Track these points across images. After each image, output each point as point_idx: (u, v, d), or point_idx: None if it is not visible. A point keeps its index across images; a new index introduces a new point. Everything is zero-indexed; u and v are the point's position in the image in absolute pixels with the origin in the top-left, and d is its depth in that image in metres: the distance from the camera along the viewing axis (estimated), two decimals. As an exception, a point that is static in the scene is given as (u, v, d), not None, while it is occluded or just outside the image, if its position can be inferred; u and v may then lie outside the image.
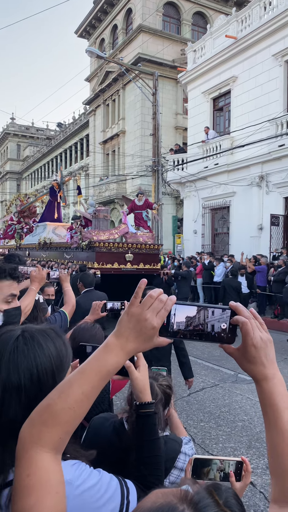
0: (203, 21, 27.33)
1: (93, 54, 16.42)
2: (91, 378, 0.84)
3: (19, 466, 0.79)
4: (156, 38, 25.46)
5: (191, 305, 0.92)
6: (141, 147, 24.89)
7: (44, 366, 0.99)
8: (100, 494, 0.97)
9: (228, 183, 16.63)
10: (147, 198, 12.61)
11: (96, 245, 10.04)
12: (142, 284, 0.90)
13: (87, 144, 35.35)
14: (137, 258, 10.52)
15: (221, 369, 7.27)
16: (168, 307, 0.88)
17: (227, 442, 4.48)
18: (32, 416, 0.84)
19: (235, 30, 16.30)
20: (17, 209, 17.68)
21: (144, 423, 1.27)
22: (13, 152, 57.90)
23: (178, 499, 0.61)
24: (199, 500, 0.61)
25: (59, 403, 0.82)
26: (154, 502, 0.61)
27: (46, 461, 0.79)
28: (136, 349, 0.88)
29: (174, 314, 0.90)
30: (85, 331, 2.41)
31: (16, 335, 1.03)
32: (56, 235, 13.97)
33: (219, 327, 0.91)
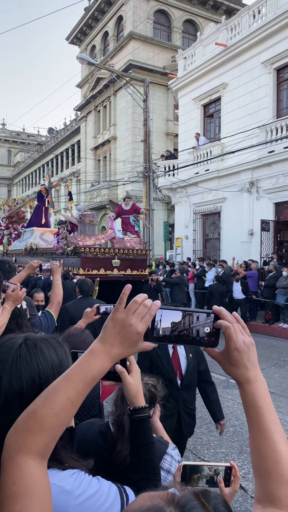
0: (193, 28, 27.61)
1: (84, 61, 16.48)
2: (76, 384, 0.84)
3: (5, 473, 0.79)
4: (147, 45, 25.66)
5: (176, 310, 0.93)
6: (132, 153, 24.98)
7: (46, 374, 0.99)
8: (100, 502, 0.97)
9: (218, 189, 16.74)
10: (134, 203, 12.47)
11: (81, 250, 9.79)
12: (126, 290, 0.91)
13: (79, 150, 35.38)
14: (124, 264, 10.29)
15: (212, 375, 7.21)
16: (152, 312, 0.89)
17: (218, 448, 4.48)
18: (17, 422, 0.83)
19: (225, 37, 16.48)
20: (5, 215, 17.53)
21: (139, 428, 1.27)
22: (4, 158, 57.73)
23: (165, 502, 0.61)
24: (186, 502, 0.62)
25: (44, 409, 0.82)
26: (142, 505, 0.61)
27: (32, 468, 0.79)
28: (121, 354, 0.89)
29: (160, 320, 0.91)
30: (74, 337, 2.40)
31: (19, 342, 1.03)
32: (43, 241, 13.78)
33: (203, 332, 0.92)
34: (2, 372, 0.98)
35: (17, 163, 55.83)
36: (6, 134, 56.97)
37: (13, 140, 56.94)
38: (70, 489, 0.95)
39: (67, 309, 4.81)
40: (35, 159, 47.88)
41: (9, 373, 0.98)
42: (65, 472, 0.98)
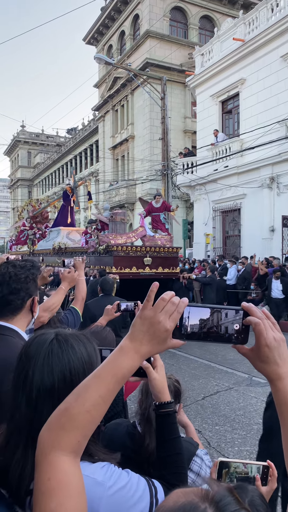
0: (210, 24, 27.38)
1: (102, 61, 16.55)
2: (107, 382, 0.85)
3: (39, 470, 0.80)
4: (164, 43, 25.57)
5: (204, 307, 0.93)
6: (150, 151, 24.96)
7: (77, 369, 1.01)
8: (131, 494, 0.99)
9: (238, 185, 16.58)
10: (164, 200, 12.21)
11: (113, 249, 9.78)
12: (154, 287, 0.91)
13: (97, 150, 35.56)
14: (155, 262, 10.26)
15: (235, 372, 7.22)
16: (180, 309, 0.89)
17: (242, 446, 4.45)
18: (50, 420, 0.84)
19: (243, 32, 16.30)
20: (29, 215, 17.64)
21: (164, 423, 1.28)
22: (24, 160, 58.50)
23: (199, 498, 0.61)
24: (220, 498, 0.61)
25: (76, 407, 0.83)
26: (176, 501, 0.61)
27: (65, 465, 0.80)
28: (150, 352, 0.89)
29: (187, 317, 0.91)
30: (95, 334, 2.42)
31: (50, 338, 1.04)
32: (70, 240, 13.80)
33: (232, 329, 0.92)
34: (34, 367, 0.99)
35: (36, 164, 56.49)
36: (26, 136, 57.72)
37: (33, 141, 57.63)
38: (102, 481, 0.96)
39: (88, 307, 4.85)
40: (54, 160, 48.35)
41: (41, 368, 0.99)
42: (96, 465, 1.00)
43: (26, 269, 1.73)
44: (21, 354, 1.04)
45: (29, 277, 1.72)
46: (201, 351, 8.62)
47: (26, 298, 1.69)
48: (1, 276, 1.66)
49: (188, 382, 6.65)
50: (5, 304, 1.63)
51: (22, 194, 56.68)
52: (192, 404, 5.68)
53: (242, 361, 7.92)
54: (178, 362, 7.80)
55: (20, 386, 1.00)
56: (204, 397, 5.95)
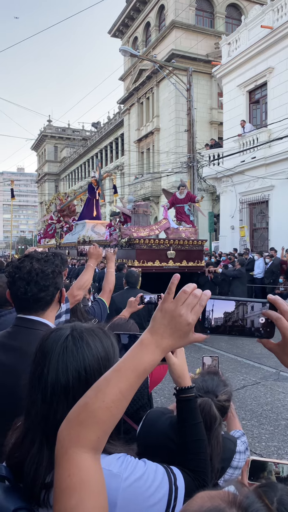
0: (237, 12, 26.81)
1: (127, 53, 16.47)
2: (128, 376, 0.83)
3: (59, 466, 0.79)
4: (189, 33, 25.22)
5: (229, 299, 0.90)
6: (176, 143, 24.77)
7: (92, 367, 0.99)
8: (148, 484, 0.97)
9: (266, 177, 16.24)
10: (189, 191, 11.81)
11: (136, 242, 9.49)
12: (175, 280, 0.88)
13: (122, 143, 35.59)
14: (179, 255, 9.87)
15: (262, 367, 7.12)
16: (203, 302, 0.86)
17: (270, 441, 4.38)
18: (69, 416, 0.83)
19: (271, 19, 15.87)
20: (57, 208, 17.76)
21: (185, 408, 1.26)
22: (51, 154, 59.20)
23: (226, 503, 0.58)
24: (249, 504, 0.58)
25: (96, 402, 0.81)
26: (201, 505, 0.59)
27: (86, 461, 0.79)
28: (172, 346, 0.87)
29: (211, 310, 0.88)
30: (119, 327, 2.43)
31: (66, 334, 1.03)
32: (95, 233, 13.77)
33: (258, 322, 0.88)
34: (49, 365, 0.98)
35: (63, 158, 57.07)
36: (52, 130, 58.35)
37: (59, 136, 58.22)
38: (118, 472, 0.95)
39: (114, 300, 4.87)
40: (80, 154, 48.71)
41: (55, 366, 0.98)
42: (111, 456, 0.99)
43: (51, 262, 1.70)
44: (36, 349, 1.03)
45: (56, 271, 1.69)
46: (227, 345, 8.54)
47: (55, 293, 1.68)
48: (28, 274, 1.62)
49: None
50: (36, 302, 1.62)
51: (49, 188, 57.44)
52: (218, 398, 5.63)
53: (270, 355, 7.80)
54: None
55: (35, 383, 0.99)
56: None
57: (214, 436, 1.55)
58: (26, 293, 1.60)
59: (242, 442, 1.78)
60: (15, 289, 1.62)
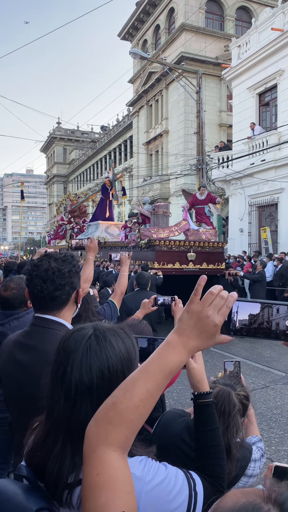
0: (247, 15, 26.77)
1: (137, 56, 16.53)
2: (155, 376, 0.84)
3: (88, 465, 0.79)
4: (199, 35, 25.23)
5: (254, 302, 0.90)
6: (185, 146, 24.76)
7: (115, 367, 0.99)
8: (170, 488, 0.97)
9: (276, 180, 16.16)
10: (210, 192, 11.55)
11: (156, 243, 9.26)
12: (202, 281, 0.89)
13: (131, 145, 35.66)
14: (199, 257, 9.64)
15: (272, 370, 7.07)
16: (229, 304, 0.87)
17: (280, 445, 4.34)
18: (97, 415, 0.84)
19: (282, 22, 15.82)
20: (68, 209, 17.59)
21: (204, 413, 1.26)
22: (60, 156, 59.48)
23: (261, 499, 0.58)
24: (285, 500, 0.58)
25: (124, 402, 0.81)
26: (236, 502, 0.59)
27: (114, 460, 0.79)
28: (199, 347, 0.87)
29: (236, 312, 0.89)
30: (132, 328, 2.42)
31: (89, 334, 1.03)
32: (108, 234, 13.50)
33: (284, 325, 0.89)
34: (73, 364, 0.98)
35: (72, 160, 57.32)
36: (62, 132, 58.65)
37: (68, 138, 58.49)
38: (141, 475, 0.95)
39: (124, 301, 4.87)
40: (89, 156, 48.88)
41: (79, 365, 0.98)
42: (133, 459, 0.98)
43: (68, 262, 1.71)
44: (59, 348, 1.03)
45: (72, 271, 1.70)
46: (236, 348, 8.49)
47: (71, 292, 1.68)
48: (45, 272, 1.63)
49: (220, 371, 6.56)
50: (52, 300, 1.63)
51: (58, 190, 57.71)
52: (227, 401, 5.60)
53: (279, 359, 7.74)
54: (212, 358, 7.72)
55: (58, 382, 0.99)
56: (240, 395, 5.85)
57: (233, 423, 1.55)
58: (42, 291, 1.61)
59: (258, 448, 1.77)
60: (32, 286, 1.64)
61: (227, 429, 1.54)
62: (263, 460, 1.76)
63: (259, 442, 1.83)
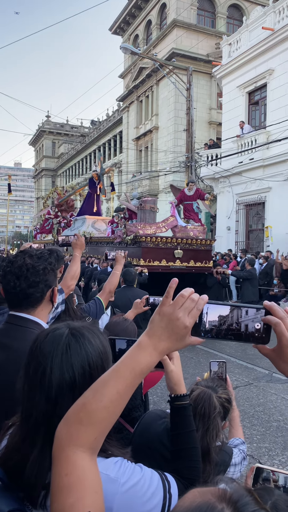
0: (238, 13, 26.81)
1: (128, 51, 16.44)
2: (125, 377, 0.84)
3: (57, 465, 0.80)
4: (191, 32, 25.20)
5: (224, 304, 0.92)
6: (174, 142, 24.76)
7: (95, 362, 1.00)
8: (144, 490, 0.97)
9: (263, 179, 16.28)
10: (198, 188, 11.31)
11: (142, 239, 8.97)
12: (173, 284, 0.91)
13: (120, 140, 35.53)
14: (187, 255, 9.39)
15: (255, 368, 7.15)
16: (200, 306, 0.88)
17: (261, 442, 4.40)
18: (67, 415, 0.84)
19: (272, 21, 15.88)
20: (55, 203, 17.23)
21: (180, 415, 1.26)
22: (48, 150, 58.98)
23: (216, 498, 0.59)
24: (238, 498, 0.59)
25: (94, 403, 0.82)
26: (192, 501, 0.59)
27: (83, 461, 0.79)
28: (169, 348, 0.88)
29: (206, 313, 0.90)
30: (116, 325, 2.43)
31: (65, 333, 1.03)
32: (95, 229, 13.24)
33: (253, 327, 0.90)
34: (52, 364, 0.97)
35: (61, 154, 56.89)
36: (51, 126, 58.11)
37: (57, 132, 58.00)
38: (115, 477, 0.95)
39: (112, 298, 4.88)
40: (78, 151, 48.56)
41: (60, 365, 0.97)
42: (109, 460, 0.99)
43: (44, 259, 1.68)
44: (34, 350, 1.02)
45: (47, 268, 1.67)
46: (221, 345, 8.56)
47: (45, 290, 1.65)
48: (18, 269, 1.61)
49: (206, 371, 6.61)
50: (25, 297, 1.60)
51: (46, 183, 57.25)
52: (210, 398, 5.64)
53: (263, 356, 7.79)
54: (197, 355, 7.77)
55: (37, 384, 0.98)
56: (223, 392, 5.90)
57: (213, 426, 1.56)
58: (15, 287, 1.59)
59: (240, 451, 1.77)
60: (5, 283, 1.62)
61: (207, 432, 1.54)
62: (244, 463, 1.77)
63: (242, 445, 1.84)
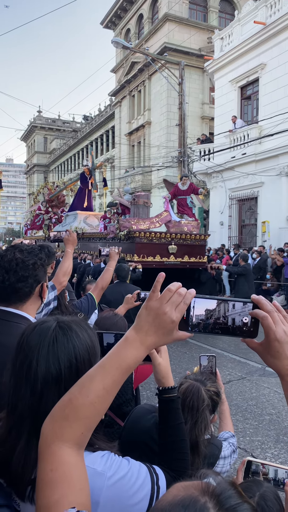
0: (230, 7, 26.73)
1: (119, 45, 16.32)
2: (112, 372, 0.84)
3: (42, 460, 0.80)
4: (182, 26, 25.08)
5: (211, 298, 0.92)
6: (167, 138, 24.70)
7: (82, 356, 1.00)
8: (132, 482, 0.98)
9: (256, 173, 16.30)
10: (192, 182, 11.22)
11: (136, 235, 8.87)
12: (160, 278, 0.90)
13: (113, 135, 35.37)
14: (181, 250, 9.32)
15: (248, 362, 7.19)
16: (187, 300, 0.88)
17: (254, 436, 4.43)
18: (53, 411, 0.84)
19: (264, 15, 15.84)
20: (45, 198, 17.03)
21: (168, 408, 1.26)
22: (40, 145, 58.59)
23: (199, 492, 0.59)
24: (221, 491, 0.59)
25: (80, 398, 0.82)
26: (175, 495, 0.60)
27: (69, 456, 0.79)
28: (156, 343, 0.88)
29: (193, 307, 0.90)
30: (106, 320, 2.44)
31: (53, 326, 1.03)
32: (87, 225, 13.14)
33: (240, 321, 0.90)
34: (39, 356, 0.97)
35: (53, 150, 56.56)
36: (42, 121, 57.70)
37: (49, 127, 57.61)
38: (102, 471, 0.95)
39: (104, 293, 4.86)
40: (70, 146, 48.30)
41: (46, 357, 0.97)
42: (95, 454, 0.99)
43: (34, 254, 1.69)
44: (21, 343, 1.02)
45: (37, 263, 1.67)
46: (214, 340, 8.59)
47: (34, 285, 1.65)
48: (8, 263, 1.61)
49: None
50: (13, 292, 1.60)
51: (38, 179, 56.91)
52: (204, 392, 5.67)
53: (256, 351, 7.87)
54: (190, 350, 7.79)
55: (23, 377, 0.98)
56: (216, 386, 5.93)
57: (201, 418, 1.56)
58: (4, 281, 1.59)
59: (230, 444, 1.78)
60: None
61: (195, 425, 1.55)
62: (234, 456, 1.78)
63: (232, 438, 1.84)
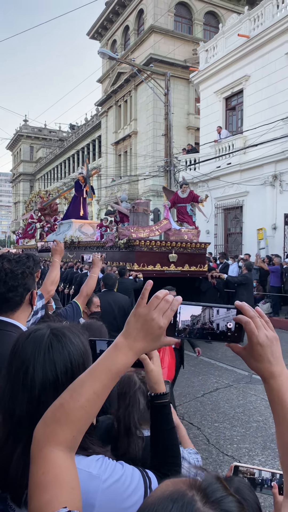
0: (215, 20, 27.23)
1: (105, 55, 16.47)
2: (102, 378, 0.87)
3: (34, 464, 0.81)
4: (168, 38, 25.45)
5: (197, 305, 0.95)
6: (153, 147, 24.90)
7: (77, 360, 1.02)
8: (125, 486, 1.00)
9: (241, 183, 16.52)
10: (192, 190, 11.11)
11: (135, 243, 8.67)
12: (148, 285, 0.93)
13: (99, 145, 35.49)
14: (181, 259, 9.15)
15: (235, 370, 7.22)
16: (174, 307, 0.91)
17: (241, 443, 4.44)
18: (45, 415, 0.86)
19: (248, 28, 16.20)
20: (38, 207, 16.89)
21: (160, 413, 1.28)
22: (26, 154, 58.40)
23: (187, 486, 0.62)
24: (208, 485, 0.62)
25: (71, 402, 0.84)
26: (164, 490, 0.62)
27: (60, 459, 0.81)
28: (145, 348, 0.91)
29: (179, 313, 0.93)
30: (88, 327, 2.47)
31: (47, 333, 1.05)
32: (82, 234, 12.88)
33: (224, 326, 0.93)
34: (35, 363, 0.99)
35: (39, 159, 56.43)
36: (29, 130, 57.59)
37: (35, 136, 57.51)
38: (97, 474, 0.98)
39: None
40: (56, 155, 48.28)
41: (42, 364, 0.99)
42: (90, 458, 1.01)
43: (22, 263, 1.71)
44: (16, 351, 1.04)
45: (26, 272, 1.69)
46: (201, 348, 8.59)
47: (24, 294, 1.68)
48: None
49: (188, 378, 6.66)
50: (4, 301, 1.62)
51: (24, 188, 56.66)
52: (191, 401, 5.68)
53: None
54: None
55: (19, 383, 0.99)
56: (204, 394, 5.95)
57: (133, 401, 1.62)
58: None
59: (194, 458, 1.78)
60: None
61: (127, 408, 1.61)
62: (196, 463, 1.78)
63: (197, 455, 1.85)
